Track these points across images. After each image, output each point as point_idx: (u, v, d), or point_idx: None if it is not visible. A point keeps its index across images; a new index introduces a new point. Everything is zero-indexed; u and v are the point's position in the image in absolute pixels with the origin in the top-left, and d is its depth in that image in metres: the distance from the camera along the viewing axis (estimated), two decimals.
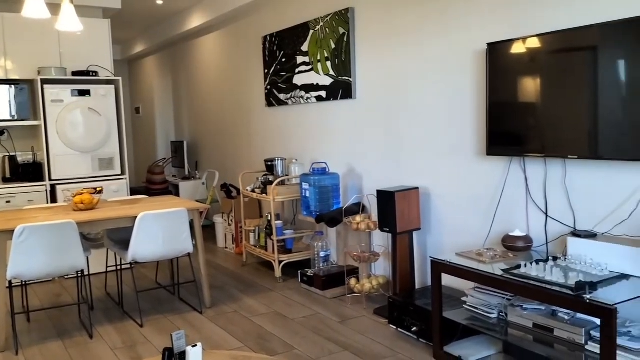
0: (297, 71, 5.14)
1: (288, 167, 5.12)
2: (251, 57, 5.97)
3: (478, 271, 2.76)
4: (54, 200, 5.02)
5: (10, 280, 3.42)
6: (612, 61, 2.60)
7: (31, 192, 4.89)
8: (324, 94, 4.79)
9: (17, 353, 3.40)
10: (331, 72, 4.67)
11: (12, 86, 4.89)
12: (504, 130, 3.15)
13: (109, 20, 5.42)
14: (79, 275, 3.86)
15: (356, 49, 4.44)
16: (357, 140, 4.50)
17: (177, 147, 7.80)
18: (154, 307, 4.18)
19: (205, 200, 6.87)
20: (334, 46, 4.62)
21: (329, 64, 4.70)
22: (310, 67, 4.95)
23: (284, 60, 5.32)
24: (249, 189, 5.20)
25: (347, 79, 4.49)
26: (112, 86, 5.23)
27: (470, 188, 3.53)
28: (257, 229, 5.16)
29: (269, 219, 4.87)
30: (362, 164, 4.47)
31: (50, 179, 4.97)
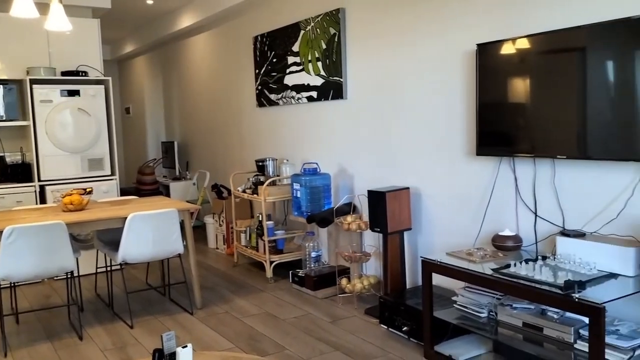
0: (288, 71, 5.13)
1: (279, 167, 5.12)
2: (242, 57, 5.96)
3: (468, 271, 2.77)
4: (43, 201, 4.98)
5: None
6: (600, 62, 2.62)
7: (20, 193, 4.85)
8: (314, 94, 4.79)
9: (5, 355, 3.37)
10: (322, 73, 4.67)
11: (1, 86, 4.84)
12: (494, 130, 3.17)
13: (99, 20, 5.39)
14: (69, 276, 3.83)
15: (347, 50, 4.44)
16: (348, 140, 4.51)
17: (167, 148, 7.77)
18: (144, 308, 4.17)
19: (196, 200, 6.85)
20: (324, 46, 4.62)
21: (319, 64, 4.70)
22: (301, 67, 4.95)
23: (274, 60, 5.32)
24: (239, 190, 5.19)
25: (337, 79, 4.50)
26: (102, 86, 5.20)
27: (460, 188, 3.55)
28: (248, 229, 5.16)
29: (260, 219, 4.86)
30: (353, 164, 4.48)
31: (40, 180, 4.94)
